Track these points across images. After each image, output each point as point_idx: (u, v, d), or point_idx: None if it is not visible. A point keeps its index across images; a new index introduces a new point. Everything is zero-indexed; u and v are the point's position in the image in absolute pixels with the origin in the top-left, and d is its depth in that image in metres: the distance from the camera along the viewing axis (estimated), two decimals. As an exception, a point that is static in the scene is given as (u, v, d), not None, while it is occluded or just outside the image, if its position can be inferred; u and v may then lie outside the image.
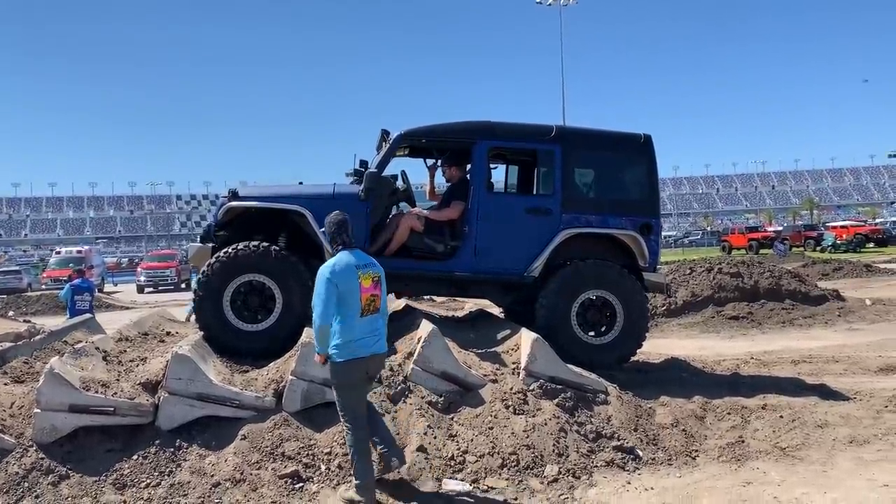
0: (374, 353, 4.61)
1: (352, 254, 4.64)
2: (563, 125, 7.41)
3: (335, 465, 5.01)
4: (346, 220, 4.75)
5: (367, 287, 4.56)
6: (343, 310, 4.49)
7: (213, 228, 7.03)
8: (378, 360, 4.71)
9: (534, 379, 5.86)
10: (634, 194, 7.25)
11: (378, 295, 4.65)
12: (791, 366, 8.85)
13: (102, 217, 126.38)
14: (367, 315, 4.57)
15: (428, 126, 7.07)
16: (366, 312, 4.56)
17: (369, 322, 4.59)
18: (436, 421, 5.38)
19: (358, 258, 4.64)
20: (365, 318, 4.56)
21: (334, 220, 4.74)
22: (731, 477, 5.05)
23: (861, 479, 4.84)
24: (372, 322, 4.60)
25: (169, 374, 5.25)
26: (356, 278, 4.51)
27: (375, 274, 4.66)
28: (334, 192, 6.88)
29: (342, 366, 4.53)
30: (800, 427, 5.86)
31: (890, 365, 8.60)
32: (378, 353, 4.66)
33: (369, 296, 4.57)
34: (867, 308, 13.97)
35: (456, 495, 4.79)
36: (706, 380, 7.53)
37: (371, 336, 4.59)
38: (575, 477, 5.04)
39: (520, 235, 6.93)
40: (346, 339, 4.50)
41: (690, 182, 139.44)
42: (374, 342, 4.60)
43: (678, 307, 13.63)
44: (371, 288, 4.59)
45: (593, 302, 6.95)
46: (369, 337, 4.58)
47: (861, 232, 43.98)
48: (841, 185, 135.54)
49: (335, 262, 4.56)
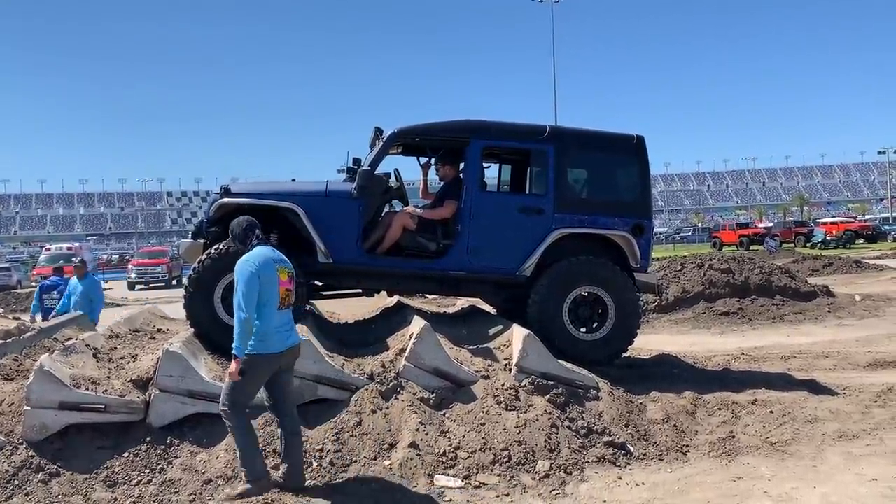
0: (288, 346, 4.59)
1: (268, 248, 4.67)
2: (556, 125, 7.41)
3: (327, 462, 5.00)
4: (253, 222, 4.75)
5: (283, 280, 4.57)
6: (261, 302, 4.45)
7: (204, 225, 7.00)
8: (291, 353, 4.68)
9: (525, 375, 5.87)
10: (627, 195, 7.26)
11: (292, 290, 4.67)
12: (781, 361, 8.89)
13: (93, 214, 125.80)
14: (284, 308, 4.58)
15: (421, 124, 7.06)
16: (283, 305, 4.56)
17: (283, 315, 4.58)
18: (427, 417, 5.39)
19: (276, 253, 4.67)
20: (280, 311, 4.55)
21: (243, 224, 4.73)
22: (721, 472, 5.07)
23: (850, 474, 4.87)
24: (285, 316, 4.61)
25: (160, 371, 5.24)
26: (275, 271, 4.53)
27: (290, 269, 4.69)
28: (327, 189, 6.87)
29: (256, 359, 4.47)
30: (790, 422, 5.90)
31: (879, 360, 8.66)
32: (292, 347, 4.64)
33: (286, 289, 4.58)
34: (857, 304, 14.05)
35: (447, 491, 4.79)
36: (697, 375, 7.57)
37: (285, 329, 4.59)
38: (566, 472, 5.05)
39: (512, 234, 6.93)
40: (263, 330, 4.45)
41: (682, 179, 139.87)
42: (288, 336, 4.60)
43: (669, 303, 13.67)
44: (287, 282, 4.61)
45: (585, 298, 6.96)
46: (284, 331, 4.57)
47: (851, 228, 44.28)
48: (831, 181, 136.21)
49: (256, 255, 4.53)
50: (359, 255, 6.79)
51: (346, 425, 5.28)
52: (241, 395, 4.54)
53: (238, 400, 4.53)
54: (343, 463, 5.02)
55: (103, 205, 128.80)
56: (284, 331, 4.58)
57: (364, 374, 5.69)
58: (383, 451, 5.12)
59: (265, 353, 4.48)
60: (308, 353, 5.50)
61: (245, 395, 4.57)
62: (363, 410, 5.40)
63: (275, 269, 4.54)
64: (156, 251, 36.33)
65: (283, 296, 4.57)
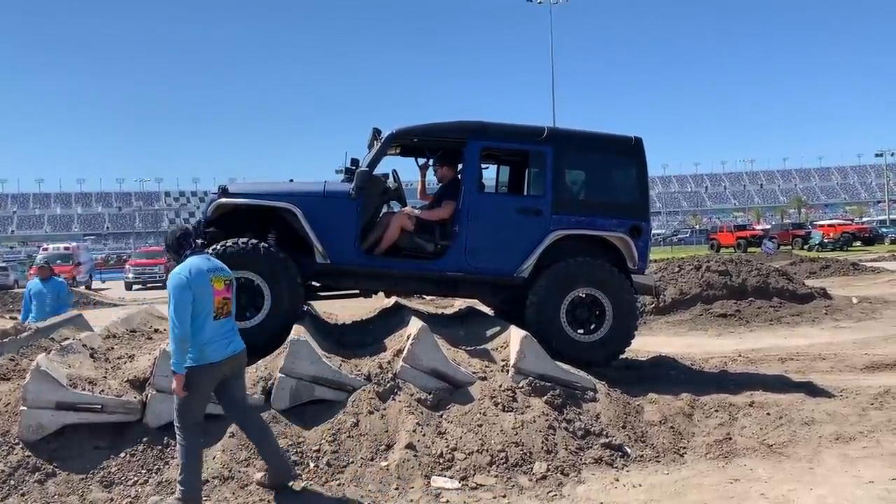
0: (227, 356, 4.50)
1: (201, 257, 4.58)
2: (554, 127, 7.41)
3: (324, 463, 5.00)
4: (188, 231, 4.70)
5: (219, 290, 4.49)
6: (195, 313, 4.36)
7: (202, 225, 7.00)
8: (235, 360, 4.58)
9: (523, 376, 5.87)
10: (625, 196, 7.26)
11: (230, 298, 4.59)
12: (778, 363, 8.90)
13: (90, 213, 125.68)
14: (220, 318, 4.48)
15: (420, 125, 7.06)
16: (219, 315, 4.47)
17: (221, 325, 4.49)
18: (425, 418, 5.38)
19: (208, 262, 4.58)
20: (217, 321, 4.46)
21: (176, 234, 4.67)
22: (718, 474, 5.07)
23: (847, 476, 4.88)
24: (224, 325, 4.51)
25: (157, 372, 5.23)
26: (208, 281, 4.44)
27: (227, 277, 4.61)
28: (325, 189, 6.87)
29: (195, 371, 4.37)
30: (787, 424, 5.90)
31: (875, 363, 8.67)
32: (234, 355, 4.55)
33: (222, 298, 4.50)
34: (854, 306, 14.07)
35: (444, 492, 4.79)
36: (694, 377, 7.58)
37: (224, 339, 4.49)
38: (563, 474, 5.05)
39: (510, 236, 6.93)
40: (200, 342, 4.37)
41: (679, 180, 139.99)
42: (227, 345, 4.51)
43: (667, 305, 13.67)
44: (224, 291, 4.53)
45: (583, 300, 6.96)
46: (222, 340, 4.48)
47: (848, 231, 44.39)
48: (828, 183, 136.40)
49: (187, 266, 4.44)
50: (357, 256, 6.79)
51: (343, 426, 5.27)
52: (190, 412, 4.44)
53: (188, 417, 4.43)
54: (340, 464, 5.02)
55: (101, 205, 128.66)
56: (224, 340, 4.49)
57: (361, 374, 5.69)
58: (380, 451, 5.12)
59: (205, 364, 4.39)
60: (305, 353, 5.51)
61: (194, 411, 4.46)
62: (360, 411, 5.39)
63: (208, 278, 4.44)
64: (153, 251, 36.15)
65: (220, 305, 4.49)
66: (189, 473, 4.39)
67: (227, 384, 4.60)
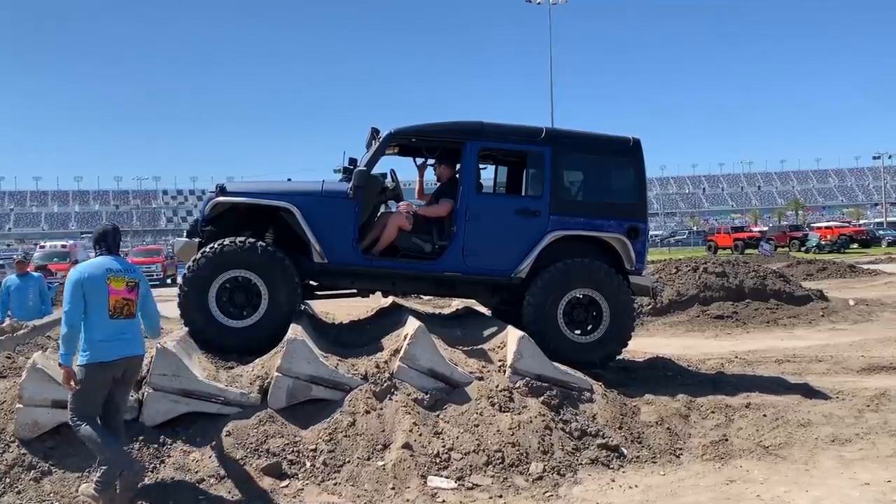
0: (122, 356, 4.50)
1: (109, 258, 4.61)
2: (553, 127, 7.42)
3: (320, 462, 5.00)
4: (108, 231, 4.71)
5: (117, 289, 4.50)
6: (89, 311, 4.42)
7: (200, 224, 7.00)
8: (128, 363, 4.58)
9: (520, 376, 5.87)
10: (622, 197, 7.26)
11: (133, 300, 4.58)
12: (775, 365, 8.91)
13: (87, 212, 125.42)
14: (117, 318, 4.50)
15: (418, 125, 7.06)
16: (115, 315, 4.48)
17: (119, 325, 4.50)
18: (421, 418, 5.38)
19: (115, 263, 4.60)
20: (114, 321, 4.48)
21: (99, 230, 4.75)
22: (714, 475, 5.08)
23: (843, 478, 4.89)
24: (123, 326, 4.52)
25: (153, 370, 5.22)
26: (104, 280, 4.47)
27: (132, 280, 4.60)
28: (323, 189, 6.86)
29: (87, 368, 4.42)
30: (783, 426, 5.91)
31: (872, 365, 8.68)
32: (127, 357, 4.55)
33: (119, 298, 4.51)
34: (850, 308, 14.08)
35: (441, 492, 4.79)
36: (691, 378, 7.58)
37: (119, 339, 4.49)
38: (560, 475, 5.05)
39: (508, 236, 6.93)
40: (90, 339, 4.42)
41: (677, 181, 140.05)
42: (122, 346, 4.51)
43: (664, 306, 13.68)
44: (124, 291, 4.53)
45: (580, 301, 6.97)
46: (117, 340, 4.48)
47: (845, 233, 44.49)
48: (826, 186, 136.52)
49: (86, 265, 4.54)
50: (354, 256, 6.79)
51: (340, 425, 5.27)
52: (83, 406, 4.47)
53: (82, 411, 4.46)
54: (336, 463, 5.01)
55: (98, 202, 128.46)
56: (119, 340, 4.49)
57: (358, 374, 5.69)
58: (377, 451, 5.12)
59: (95, 363, 4.43)
60: (302, 353, 5.50)
61: (86, 406, 4.48)
62: (357, 411, 5.39)
63: (105, 278, 4.47)
64: (150, 249, 36.16)
65: (116, 305, 4.50)
66: (102, 451, 4.40)
67: (118, 386, 4.61)
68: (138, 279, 4.67)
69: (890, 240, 47.61)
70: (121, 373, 4.56)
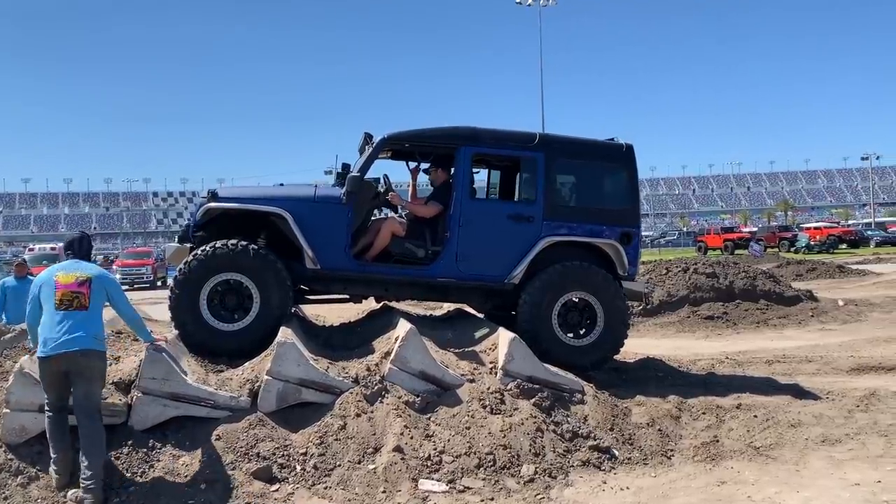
0: (58, 352, 4.55)
1: (70, 261, 4.88)
2: (546, 133, 7.42)
3: (311, 466, 4.97)
4: (74, 240, 5.01)
5: (65, 283, 4.68)
6: (43, 309, 4.67)
7: (191, 229, 6.96)
8: (69, 359, 4.58)
9: (511, 378, 5.86)
10: (615, 203, 7.27)
11: (83, 293, 4.70)
12: (765, 366, 8.94)
13: (77, 214, 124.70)
14: (64, 310, 4.62)
15: (412, 130, 7.05)
16: (60, 307, 4.62)
17: (65, 317, 4.61)
18: (412, 421, 5.37)
19: (71, 263, 4.85)
20: (61, 312, 4.61)
21: (67, 238, 5.09)
22: (705, 476, 5.08)
23: (833, 478, 4.90)
24: (69, 318, 4.61)
25: (142, 374, 5.19)
26: (53, 277, 4.71)
27: (83, 274, 4.75)
28: (315, 194, 6.84)
29: (37, 363, 4.67)
30: (773, 426, 5.92)
31: (861, 365, 8.73)
32: (65, 353, 4.56)
33: (66, 291, 4.66)
34: (840, 309, 14.16)
35: (432, 495, 4.77)
36: (682, 379, 7.60)
37: (59, 335, 4.56)
38: (551, 477, 5.05)
39: (501, 242, 6.93)
40: (42, 335, 4.64)
41: (667, 183, 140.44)
42: (62, 342, 4.56)
43: (654, 307, 13.72)
44: (72, 285, 4.68)
45: (575, 304, 6.97)
46: (59, 336, 4.56)
47: (834, 233, 44.74)
48: (815, 186, 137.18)
49: (48, 269, 4.85)
50: (347, 262, 6.77)
51: (331, 429, 5.25)
52: (46, 396, 4.70)
53: (46, 403, 4.71)
54: (327, 467, 4.99)
55: (88, 205, 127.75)
56: (59, 336, 4.56)
57: (349, 377, 5.67)
58: (367, 454, 5.10)
59: (39, 357, 4.64)
60: (292, 356, 5.48)
61: (47, 398, 4.69)
62: (347, 414, 5.37)
63: (54, 274, 4.73)
64: (141, 252, 36.04)
65: (63, 297, 4.65)
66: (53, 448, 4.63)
67: (73, 382, 4.66)
68: (91, 275, 4.77)
69: (878, 240, 47.88)
70: (65, 368, 4.61)
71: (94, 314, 4.75)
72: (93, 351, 4.67)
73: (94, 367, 4.71)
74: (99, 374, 4.77)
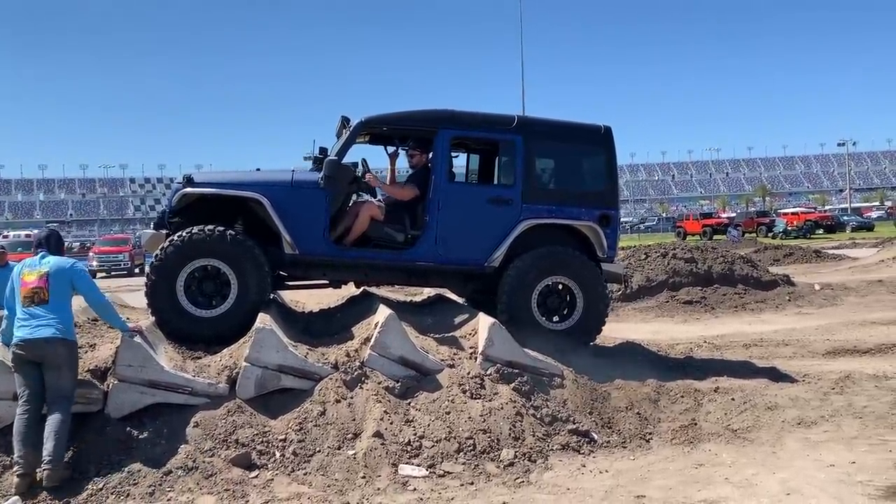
0: (23, 339, 4.71)
1: (36, 258, 4.98)
2: (524, 115, 7.39)
3: (290, 452, 4.95)
4: (42, 238, 5.14)
5: (28, 281, 4.86)
6: (13, 302, 4.88)
7: (167, 215, 6.87)
8: (34, 347, 4.72)
9: (491, 363, 5.86)
10: (594, 185, 7.27)
11: (43, 287, 4.83)
12: (743, 349, 9.02)
13: (53, 200, 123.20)
14: (28, 306, 4.79)
15: (389, 114, 6.99)
16: (26, 304, 4.80)
17: (28, 312, 4.78)
18: (392, 406, 5.36)
19: (36, 260, 4.96)
20: (27, 309, 4.79)
21: (35, 236, 5.28)
22: (683, 459, 5.13)
23: (808, 460, 4.95)
24: (31, 312, 4.78)
25: (119, 361, 5.13)
26: (20, 275, 4.90)
27: (42, 270, 4.88)
28: (293, 179, 6.77)
29: (10, 353, 4.82)
30: (750, 409, 5.98)
31: (837, 348, 8.83)
32: (30, 339, 4.72)
33: (30, 288, 4.83)
34: (816, 293, 14.32)
35: (412, 480, 4.77)
36: (660, 363, 7.62)
37: (25, 325, 4.75)
38: (531, 461, 5.06)
39: (481, 225, 6.91)
40: (9, 327, 4.90)
41: (647, 169, 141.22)
42: (27, 330, 4.73)
43: (633, 291, 13.80)
44: (35, 282, 4.84)
45: (554, 288, 6.97)
46: (24, 325, 4.75)
47: (811, 219, 45.20)
48: (792, 172, 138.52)
49: (19, 264, 5.04)
50: (326, 246, 6.72)
51: (310, 415, 5.23)
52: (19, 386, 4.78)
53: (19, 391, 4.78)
54: (306, 453, 4.97)
55: (64, 191, 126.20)
56: (25, 326, 4.74)
57: (328, 363, 5.64)
58: (347, 440, 5.08)
59: (8, 345, 4.87)
60: (271, 342, 5.45)
61: (17, 385, 4.78)
62: (327, 400, 5.35)
63: (20, 272, 4.91)
64: (118, 238, 35.58)
65: (27, 294, 4.82)
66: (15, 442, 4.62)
67: (44, 371, 4.75)
68: (49, 270, 4.87)
69: (854, 225, 48.44)
70: (30, 357, 4.71)
71: (57, 305, 4.83)
72: (56, 339, 4.74)
73: (59, 354, 4.75)
74: (65, 362, 4.79)
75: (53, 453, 4.52)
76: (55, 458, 4.53)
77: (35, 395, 4.71)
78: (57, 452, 4.54)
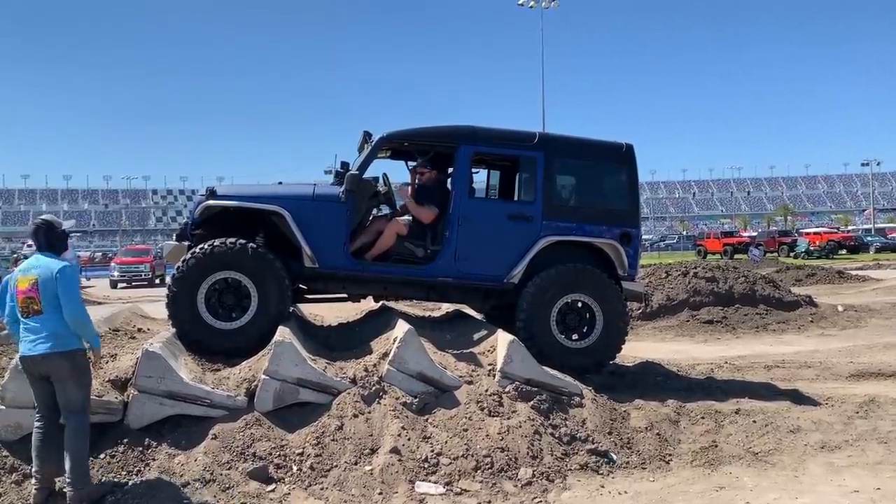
0: (25, 354, 4.46)
1: (33, 258, 4.59)
2: (545, 132, 7.39)
3: (307, 466, 4.94)
4: (31, 234, 4.66)
5: (22, 289, 4.46)
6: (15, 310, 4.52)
7: (189, 227, 6.94)
8: (35, 363, 4.46)
9: (509, 381, 5.83)
10: (615, 203, 7.23)
11: (34, 297, 4.43)
12: (764, 371, 8.91)
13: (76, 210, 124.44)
14: (24, 317, 4.46)
15: (411, 129, 7.02)
16: (23, 314, 4.46)
17: (26, 324, 4.45)
18: (410, 422, 5.34)
19: (30, 262, 4.56)
20: (24, 319, 4.46)
21: (29, 228, 4.85)
22: (704, 481, 5.06)
23: (832, 485, 4.87)
24: (29, 324, 4.45)
25: (139, 372, 5.16)
26: (14, 281, 4.51)
27: (33, 276, 4.45)
28: (314, 193, 6.81)
29: None
30: (772, 432, 5.90)
31: (861, 371, 8.69)
32: (31, 356, 4.44)
33: (23, 297, 4.45)
34: (839, 314, 14.13)
35: (429, 498, 4.74)
36: (680, 384, 7.56)
37: (26, 338, 4.45)
38: (549, 480, 5.02)
39: (500, 241, 6.89)
40: (16, 335, 4.57)
41: (667, 186, 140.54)
42: (25, 345, 4.46)
43: (653, 310, 13.69)
44: (27, 290, 4.44)
45: (574, 306, 6.94)
46: (23, 340, 4.47)
47: (834, 239, 44.66)
48: (815, 192, 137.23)
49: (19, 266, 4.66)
50: (346, 261, 6.74)
51: (328, 429, 5.22)
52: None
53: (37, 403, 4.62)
54: (323, 468, 4.96)
55: (87, 201, 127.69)
56: (26, 339, 4.45)
57: (346, 377, 5.64)
58: (364, 455, 5.07)
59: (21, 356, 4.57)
60: (290, 355, 5.46)
61: (33, 395, 4.62)
62: (345, 414, 5.34)
63: (14, 278, 4.52)
64: (139, 249, 35.95)
65: (22, 304, 4.45)
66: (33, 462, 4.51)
67: (53, 384, 4.51)
68: (38, 276, 4.42)
69: (878, 246, 47.81)
70: (36, 371, 4.49)
71: (49, 315, 4.42)
72: (54, 354, 4.43)
73: (62, 368, 4.45)
74: (69, 375, 4.47)
75: (72, 474, 4.38)
76: (74, 479, 4.38)
77: (48, 408, 4.56)
78: (75, 472, 4.39)
